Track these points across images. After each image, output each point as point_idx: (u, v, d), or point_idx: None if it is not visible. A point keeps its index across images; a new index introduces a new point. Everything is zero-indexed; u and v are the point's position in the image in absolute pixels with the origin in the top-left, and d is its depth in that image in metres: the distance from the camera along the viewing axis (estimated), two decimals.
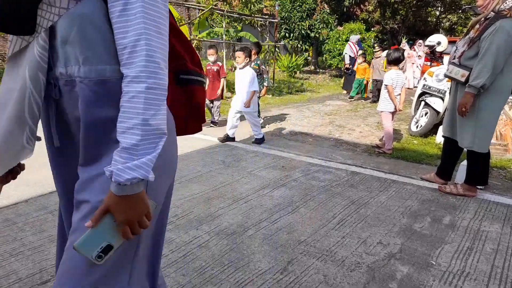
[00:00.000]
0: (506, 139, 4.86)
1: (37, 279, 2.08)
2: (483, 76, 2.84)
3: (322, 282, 2.10)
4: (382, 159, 4.62)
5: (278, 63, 14.41)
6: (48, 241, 2.48)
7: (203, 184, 3.54)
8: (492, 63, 2.81)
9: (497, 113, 3.10)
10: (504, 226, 2.84)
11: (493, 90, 2.96)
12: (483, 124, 3.06)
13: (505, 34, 2.74)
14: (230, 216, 2.89)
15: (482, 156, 3.20)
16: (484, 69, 2.85)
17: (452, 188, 3.42)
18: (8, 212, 2.91)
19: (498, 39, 2.76)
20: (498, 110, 3.08)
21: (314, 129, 6.29)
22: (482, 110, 3.03)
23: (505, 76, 2.94)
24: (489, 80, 2.87)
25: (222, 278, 2.12)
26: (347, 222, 2.84)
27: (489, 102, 3.00)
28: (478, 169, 3.28)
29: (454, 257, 2.40)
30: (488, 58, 2.82)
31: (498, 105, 3.06)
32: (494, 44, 2.78)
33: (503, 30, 2.73)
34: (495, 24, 2.78)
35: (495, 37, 2.77)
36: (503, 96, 3.02)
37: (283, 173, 3.89)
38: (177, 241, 2.52)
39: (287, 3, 15.56)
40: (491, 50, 2.80)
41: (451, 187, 3.43)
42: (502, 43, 2.76)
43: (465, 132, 3.16)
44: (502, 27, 2.73)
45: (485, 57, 2.84)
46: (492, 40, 2.79)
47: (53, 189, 3.37)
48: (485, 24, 2.86)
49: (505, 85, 2.97)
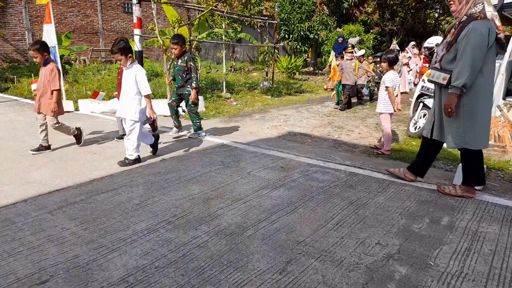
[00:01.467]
0: (504, 141, 4.88)
1: (35, 279, 2.08)
2: (463, 75, 2.96)
3: (321, 283, 2.11)
4: (381, 160, 4.63)
5: (278, 64, 14.43)
6: (47, 241, 2.48)
7: (202, 185, 3.54)
8: (470, 62, 2.94)
9: (484, 111, 3.17)
10: (502, 227, 2.85)
11: (476, 90, 3.07)
12: (471, 122, 3.13)
13: (478, 34, 2.89)
14: (229, 217, 2.89)
15: (475, 155, 3.25)
16: (463, 69, 2.97)
17: (451, 189, 3.43)
18: (7, 211, 2.91)
19: (472, 39, 2.90)
20: (484, 108, 3.15)
21: (313, 130, 6.30)
22: (467, 109, 3.12)
23: (485, 75, 3.06)
24: (469, 79, 2.97)
25: (221, 278, 2.13)
26: (345, 222, 2.85)
27: (473, 101, 3.09)
28: (472, 169, 3.32)
29: (452, 258, 2.41)
30: (465, 58, 2.95)
31: (483, 103, 3.14)
32: (469, 45, 2.92)
33: (476, 31, 2.89)
34: (468, 26, 2.94)
35: (469, 38, 2.92)
36: (486, 95, 3.13)
37: (282, 174, 3.90)
38: (176, 241, 2.52)
39: (287, 5, 15.59)
40: (467, 51, 2.94)
41: (450, 188, 3.45)
42: (477, 43, 2.90)
43: (453, 133, 3.23)
44: (474, 29, 2.89)
45: (463, 57, 2.97)
46: (467, 41, 2.94)
47: (52, 189, 3.38)
48: (460, 28, 3.02)
49: (487, 84, 3.09)
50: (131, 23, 17.81)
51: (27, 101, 8.16)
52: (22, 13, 14.34)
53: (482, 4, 2.94)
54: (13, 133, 5.38)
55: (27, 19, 14.46)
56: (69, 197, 3.20)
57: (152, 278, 2.11)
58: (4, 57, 13.95)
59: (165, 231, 2.65)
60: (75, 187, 3.44)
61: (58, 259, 2.27)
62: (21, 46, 14.49)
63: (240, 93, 10.15)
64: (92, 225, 2.71)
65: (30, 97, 8.59)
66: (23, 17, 14.37)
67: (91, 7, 16.66)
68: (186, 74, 5.21)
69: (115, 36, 17.62)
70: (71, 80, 10.59)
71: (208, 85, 10.85)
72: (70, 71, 11.21)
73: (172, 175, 3.79)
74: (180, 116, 6.99)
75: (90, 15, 16.64)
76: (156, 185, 3.50)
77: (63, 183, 3.53)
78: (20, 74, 11.49)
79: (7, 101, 8.21)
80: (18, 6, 14.23)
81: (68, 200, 3.14)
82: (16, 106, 7.65)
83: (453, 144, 3.27)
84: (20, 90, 9.47)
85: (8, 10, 13.90)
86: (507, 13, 7.51)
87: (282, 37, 16.06)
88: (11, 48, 14.22)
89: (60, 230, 2.64)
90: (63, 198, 3.18)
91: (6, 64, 13.69)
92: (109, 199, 3.18)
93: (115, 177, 3.71)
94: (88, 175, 3.75)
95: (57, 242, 2.47)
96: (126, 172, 3.87)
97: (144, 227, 2.70)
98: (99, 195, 3.27)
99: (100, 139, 5.18)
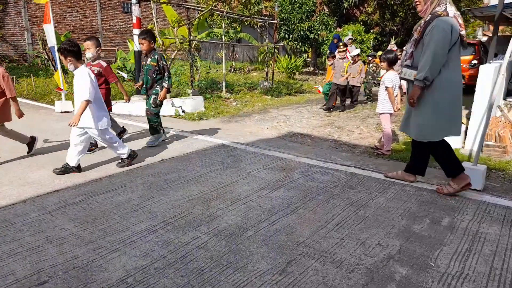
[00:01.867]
0: (505, 141, 4.87)
1: (34, 280, 2.07)
2: (424, 69, 3.11)
3: (321, 284, 2.10)
4: (381, 160, 4.63)
5: (278, 64, 14.42)
6: (46, 241, 2.47)
7: (202, 185, 3.53)
8: (431, 57, 3.07)
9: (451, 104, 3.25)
10: (503, 227, 2.84)
11: (441, 83, 3.18)
12: (436, 115, 3.24)
13: (441, 31, 3.04)
14: (229, 217, 2.88)
15: (441, 146, 3.35)
16: (425, 63, 3.11)
17: (448, 188, 3.46)
18: (6, 212, 2.90)
19: (435, 35, 3.06)
20: (450, 101, 3.24)
21: (313, 130, 6.29)
22: (433, 103, 3.23)
23: (451, 70, 3.17)
24: (430, 73, 3.10)
25: (220, 279, 2.12)
26: (346, 223, 2.84)
27: (439, 95, 3.21)
28: (445, 159, 3.40)
29: (453, 258, 2.40)
30: (428, 53, 3.10)
31: (449, 97, 3.22)
32: (433, 40, 3.07)
33: (439, 27, 3.05)
34: (432, 23, 3.11)
35: (433, 34, 3.08)
36: (453, 89, 3.21)
37: (282, 174, 3.89)
38: (175, 242, 2.51)
39: (287, 5, 15.59)
40: (430, 46, 3.09)
41: (447, 188, 3.47)
42: (439, 39, 3.04)
43: (416, 125, 3.36)
44: (437, 26, 3.06)
45: (426, 53, 3.12)
46: (431, 37, 3.10)
47: (51, 190, 3.36)
48: (425, 25, 3.20)
49: (453, 79, 3.19)
50: (130, 23, 17.80)
51: (26, 101, 8.15)
52: (21, 13, 14.33)
53: (445, 4, 3.12)
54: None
55: (26, 19, 14.44)
56: (68, 198, 3.19)
57: (152, 279, 2.10)
58: (3, 57, 13.94)
59: (164, 232, 2.64)
60: (74, 188, 3.43)
61: (57, 260, 2.26)
62: (20, 46, 14.47)
63: (240, 93, 10.14)
64: (91, 226, 2.70)
65: (29, 97, 8.58)
66: (22, 17, 14.36)
67: (91, 7, 16.64)
68: (156, 74, 4.78)
69: (114, 36, 17.61)
70: (71, 80, 10.57)
71: (208, 85, 10.84)
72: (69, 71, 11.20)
73: (171, 175, 3.78)
74: (180, 117, 6.99)
75: (90, 15, 16.62)
76: (156, 186, 3.49)
77: (62, 183, 3.52)
78: (19, 74, 11.47)
79: None
80: (18, 6, 14.22)
81: (67, 201, 3.13)
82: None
83: (417, 136, 3.41)
84: (19, 90, 9.45)
85: (7, 10, 13.89)
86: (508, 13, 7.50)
87: (282, 37, 16.05)
88: (10, 48, 14.20)
89: (59, 231, 2.63)
90: (62, 199, 3.17)
91: (5, 64, 13.67)
92: (108, 199, 3.17)
93: (114, 178, 3.70)
94: (87, 176, 3.74)
95: (56, 243, 2.46)
96: (125, 172, 3.86)
97: (143, 228, 2.69)
98: (98, 195, 3.26)
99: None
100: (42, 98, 8.46)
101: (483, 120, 4.40)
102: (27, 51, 14.43)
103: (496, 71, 4.80)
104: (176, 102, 7.25)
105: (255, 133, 5.88)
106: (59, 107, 7.05)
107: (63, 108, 7.05)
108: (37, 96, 8.67)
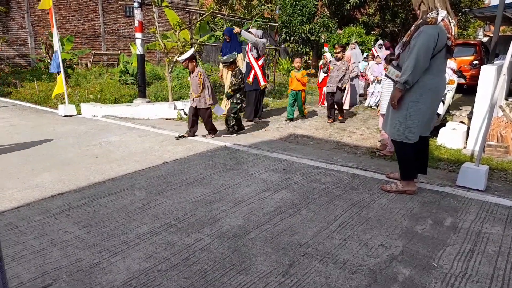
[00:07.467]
0: (507, 141, 4.86)
1: (39, 283, 2.09)
2: (406, 73, 3.16)
3: (324, 285, 2.10)
4: (383, 161, 4.62)
5: (279, 66, 14.44)
6: (50, 244, 2.49)
7: (205, 187, 3.55)
8: (414, 62, 3.11)
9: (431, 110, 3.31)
10: (506, 228, 2.84)
11: (423, 88, 3.21)
12: (413, 119, 3.27)
13: (426, 37, 3.09)
14: (231, 219, 2.89)
15: (412, 148, 3.36)
16: (407, 68, 3.15)
17: (393, 186, 3.51)
18: (10, 216, 2.92)
19: (420, 41, 3.10)
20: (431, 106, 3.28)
21: (315, 132, 6.29)
22: (413, 106, 3.26)
23: (435, 76, 3.21)
24: (412, 77, 3.14)
25: (224, 281, 2.13)
26: (348, 224, 2.84)
27: (420, 99, 3.23)
28: (407, 163, 3.43)
29: (456, 259, 2.40)
30: (411, 58, 3.14)
31: (430, 102, 3.25)
32: (417, 46, 3.11)
33: (425, 34, 3.11)
34: (420, 29, 3.16)
35: (418, 39, 3.12)
36: (432, 95, 3.24)
37: (284, 176, 3.90)
38: (178, 244, 2.52)
39: (288, 7, 15.62)
40: (414, 51, 3.13)
41: (391, 185, 3.53)
42: (424, 44, 3.08)
43: (395, 125, 3.39)
44: (424, 32, 3.12)
45: (409, 57, 3.16)
46: (415, 42, 3.14)
47: (55, 193, 3.39)
48: (414, 30, 3.25)
49: (434, 84, 3.23)
50: (132, 26, 17.87)
51: (30, 105, 8.20)
52: (25, 18, 14.41)
53: (436, 12, 3.17)
54: (16, 137, 5.40)
55: (30, 24, 14.53)
56: (72, 201, 3.21)
57: (155, 281, 2.11)
58: (7, 62, 14.02)
59: (168, 234, 2.65)
60: (77, 191, 3.45)
61: (61, 263, 2.28)
62: (23, 50, 14.55)
63: None
64: (95, 229, 2.72)
65: (33, 102, 8.64)
66: (25, 22, 14.44)
67: (93, 11, 16.73)
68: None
69: (117, 40, 17.69)
70: (74, 84, 10.63)
71: None
72: (72, 75, 11.26)
73: (174, 178, 3.80)
74: (182, 119, 7.01)
75: (92, 19, 16.70)
76: (159, 188, 3.51)
77: (66, 187, 3.54)
78: (22, 79, 11.54)
79: (10, 105, 8.25)
80: (21, 11, 14.31)
81: (71, 204, 3.15)
82: (19, 110, 7.69)
83: (393, 135, 3.44)
84: (23, 94, 9.51)
85: (10, 15, 13.98)
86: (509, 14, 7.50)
87: (283, 39, 16.07)
88: (13, 53, 14.28)
89: (63, 234, 2.64)
90: (66, 202, 3.19)
91: (9, 69, 13.75)
92: (111, 202, 3.19)
93: (117, 181, 3.72)
94: (91, 179, 3.76)
95: (60, 246, 2.48)
96: (129, 175, 3.88)
97: (147, 230, 2.71)
98: (101, 198, 3.27)
99: (103, 142, 5.19)
100: (45, 102, 8.51)
101: (485, 120, 4.40)
102: (30, 56, 14.51)
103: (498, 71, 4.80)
104: (178, 104, 7.28)
105: (257, 135, 5.89)
106: (62, 111, 7.08)
107: (66, 111, 7.08)
108: (41, 100, 8.72)
